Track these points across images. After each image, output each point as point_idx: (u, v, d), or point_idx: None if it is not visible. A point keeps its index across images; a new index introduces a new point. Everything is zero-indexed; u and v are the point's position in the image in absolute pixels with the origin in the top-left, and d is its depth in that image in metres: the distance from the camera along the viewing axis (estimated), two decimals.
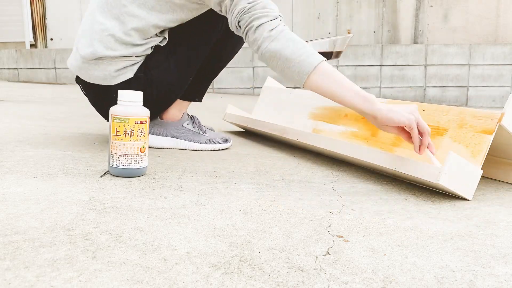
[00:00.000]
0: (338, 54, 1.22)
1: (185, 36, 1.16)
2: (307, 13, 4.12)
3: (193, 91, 1.28)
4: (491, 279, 0.51)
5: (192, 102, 1.33)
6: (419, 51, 3.81)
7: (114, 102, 0.99)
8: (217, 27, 1.18)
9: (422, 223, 0.70)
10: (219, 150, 1.28)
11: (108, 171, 0.91)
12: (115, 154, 0.88)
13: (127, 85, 1.13)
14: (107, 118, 1.23)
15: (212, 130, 1.35)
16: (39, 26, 4.79)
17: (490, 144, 0.86)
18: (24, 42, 4.71)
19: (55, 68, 4.23)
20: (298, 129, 1.26)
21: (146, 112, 0.90)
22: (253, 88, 3.90)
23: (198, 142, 1.26)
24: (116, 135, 0.87)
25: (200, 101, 1.32)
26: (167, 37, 1.13)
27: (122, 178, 0.88)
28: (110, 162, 0.89)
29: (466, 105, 3.81)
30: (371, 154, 0.96)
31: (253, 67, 3.93)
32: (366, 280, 0.49)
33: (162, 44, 1.13)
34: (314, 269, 0.51)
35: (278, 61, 0.93)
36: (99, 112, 1.25)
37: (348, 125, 1.24)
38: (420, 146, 0.85)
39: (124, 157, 0.88)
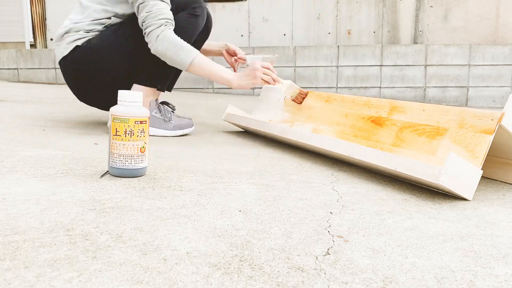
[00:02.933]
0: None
1: (134, 22, 1.41)
2: (307, 13, 4.12)
3: (155, 77, 1.46)
4: (491, 279, 0.51)
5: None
6: (419, 51, 3.81)
7: (72, 73, 1.45)
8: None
9: (422, 223, 0.70)
10: (184, 135, 1.50)
11: (108, 171, 0.91)
12: (115, 154, 0.88)
13: (74, 51, 1.41)
14: (77, 95, 1.53)
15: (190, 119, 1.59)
16: (39, 26, 4.79)
17: (490, 144, 0.86)
18: (24, 42, 4.71)
19: (55, 68, 4.22)
20: (298, 129, 1.26)
21: (146, 112, 0.90)
22: (253, 89, 3.90)
23: (166, 129, 1.47)
24: (116, 135, 0.87)
25: (170, 90, 1.58)
26: (115, 21, 1.43)
27: (122, 178, 0.88)
28: (110, 162, 0.89)
29: (466, 105, 3.81)
30: (371, 155, 0.96)
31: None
32: (366, 280, 0.49)
33: (110, 23, 1.42)
34: (314, 269, 0.51)
35: (164, 58, 1.35)
36: (72, 91, 1.53)
37: (347, 125, 1.24)
38: (274, 81, 1.41)
39: (124, 157, 0.87)
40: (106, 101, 1.47)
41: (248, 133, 1.65)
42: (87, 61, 1.41)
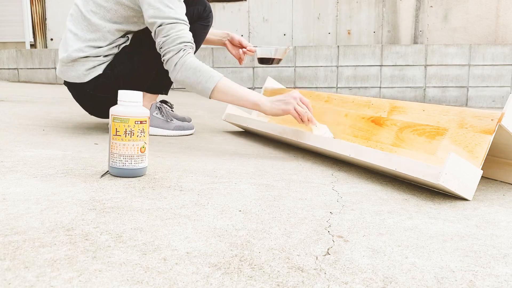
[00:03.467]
0: (278, 61, 1.50)
1: (146, 38, 1.36)
2: (307, 13, 4.12)
3: (159, 86, 1.50)
4: (491, 279, 0.51)
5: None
6: (419, 51, 3.81)
7: (90, 96, 1.40)
8: None
9: (422, 223, 0.70)
10: (185, 135, 1.51)
11: (108, 171, 0.91)
12: (115, 154, 0.88)
13: (97, 80, 1.36)
14: (89, 111, 1.49)
15: (188, 121, 1.60)
16: (39, 26, 4.79)
17: (490, 144, 0.86)
18: (24, 42, 4.71)
19: (55, 68, 4.23)
20: (298, 129, 1.26)
21: (146, 112, 0.90)
22: (253, 88, 3.90)
23: (167, 129, 1.47)
24: (116, 135, 0.87)
25: (166, 94, 1.57)
26: (129, 38, 1.38)
27: (122, 178, 0.88)
28: (110, 162, 0.89)
29: (466, 105, 3.81)
30: (371, 155, 0.96)
31: (253, 67, 3.93)
32: (366, 280, 0.49)
33: (125, 44, 1.38)
34: (314, 269, 0.51)
35: (184, 85, 1.23)
36: (82, 107, 1.49)
37: (347, 125, 1.24)
38: (303, 122, 1.18)
39: (124, 157, 0.88)
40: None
41: (248, 133, 1.65)
42: (111, 89, 1.34)
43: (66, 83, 1.42)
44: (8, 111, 1.97)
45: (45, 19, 4.77)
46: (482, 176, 1.03)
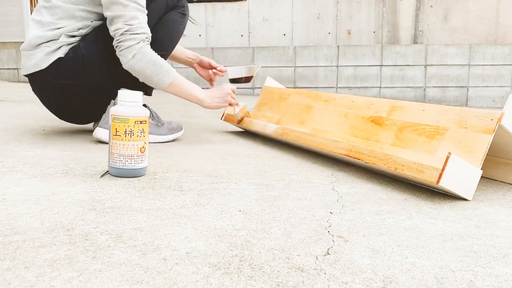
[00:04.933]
0: (249, 78, 1.56)
1: None
2: (307, 13, 4.12)
3: (142, 84, 1.34)
4: (491, 279, 0.51)
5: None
6: (419, 51, 3.81)
7: (54, 88, 1.26)
8: (158, 15, 1.34)
9: (422, 223, 0.70)
10: (177, 138, 1.43)
11: (108, 171, 0.91)
12: (115, 154, 0.88)
13: (58, 65, 1.23)
14: (57, 112, 1.36)
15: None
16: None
17: (490, 144, 0.86)
18: (24, 42, 4.71)
19: None
20: (298, 130, 1.26)
21: (146, 112, 0.90)
22: (253, 88, 3.90)
23: (162, 134, 1.38)
24: (116, 135, 0.87)
25: (150, 95, 1.42)
26: (96, 22, 1.26)
27: (122, 178, 0.88)
28: (110, 162, 0.89)
29: (466, 105, 3.81)
30: (371, 155, 0.96)
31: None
32: (366, 280, 0.49)
33: (91, 27, 1.26)
34: (314, 269, 0.51)
35: (139, 76, 1.22)
36: (48, 109, 1.35)
37: (347, 125, 1.24)
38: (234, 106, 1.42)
39: (124, 157, 0.87)
40: (88, 115, 1.38)
41: (248, 133, 1.65)
42: (75, 75, 1.24)
43: (29, 79, 1.29)
44: (8, 111, 1.97)
45: None
46: (482, 176, 1.03)
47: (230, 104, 1.40)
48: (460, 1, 3.94)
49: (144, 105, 1.36)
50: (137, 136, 0.88)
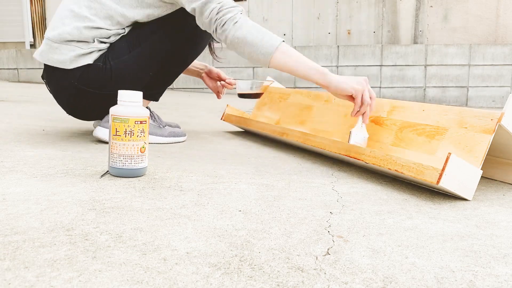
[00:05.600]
0: (259, 95, 1.44)
1: (151, 33, 1.22)
2: (307, 13, 4.12)
3: (152, 91, 1.32)
4: (491, 279, 0.51)
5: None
6: (419, 51, 3.81)
7: (71, 89, 1.20)
8: (184, 29, 1.25)
9: (422, 223, 0.70)
10: (178, 142, 1.37)
11: (108, 171, 0.91)
12: (115, 154, 0.88)
13: (84, 70, 1.18)
14: (67, 109, 1.30)
15: (178, 127, 1.55)
16: (38, 26, 4.79)
17: (490, 144, 0.86)
18: (24, 42, 4.71)
19: None
20: (297, 130, 1.26)
21: (146, 112, 0.90)
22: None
23: (161, 136, 1.34)
24: (116, 135, 0.87)
25: (157, 100, 1.38)
26: (127, 29, 1.21)
27: (122, 178, 0.88)
28: (110, 162, 0.89)
29: (466, 105, 3.81)
30: (371, 155, 0.96)
31: (253, 67, 3.93)
32: (366, 280, 0.49)
33: (122, 35, 1.21)
34: (314, 269, 0.51)
35: (244, 47, 1.08)
36: (59, 104, 1.30)
37: (347, 125, 1.24)
38: (357, 113, 1.10)
39: (124, 157, 0.87)
40: (98, 114, 1.31)
41: (248, 133, 1.65)
42: (100, 85, 1.21)
43: (44, 73, 1.25)
44: (8, 111, 1.97)
45: (45, 19, 4.77)
46: (482, 176, 1.03)
47: (360, 109, 1.09)
48: (460, 1, 3.94)
49: (151, 113, 1.37)
50: (137, 136, 0.88)
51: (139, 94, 0.89)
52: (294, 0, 4.14)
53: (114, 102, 1.13)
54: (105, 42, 1.19)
